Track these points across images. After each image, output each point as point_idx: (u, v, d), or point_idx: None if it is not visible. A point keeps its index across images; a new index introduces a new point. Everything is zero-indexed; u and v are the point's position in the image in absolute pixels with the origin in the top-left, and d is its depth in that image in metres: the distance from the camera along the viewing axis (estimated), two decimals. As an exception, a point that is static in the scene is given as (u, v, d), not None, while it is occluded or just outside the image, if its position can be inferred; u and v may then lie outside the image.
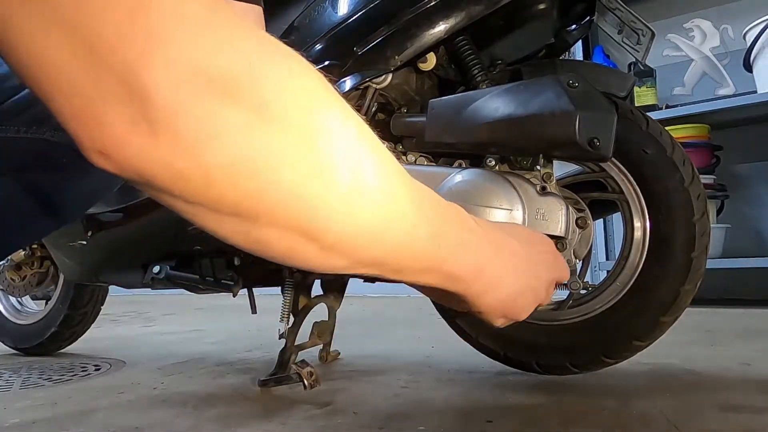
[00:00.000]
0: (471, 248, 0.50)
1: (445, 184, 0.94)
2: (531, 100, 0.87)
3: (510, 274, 0.54)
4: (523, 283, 0.56)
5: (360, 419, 0.86)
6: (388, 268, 0.44)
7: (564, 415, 0.84)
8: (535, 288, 0.58)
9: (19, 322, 1.71)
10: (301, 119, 0.33)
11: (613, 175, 0.98)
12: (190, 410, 0.95)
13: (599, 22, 1.04)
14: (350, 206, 0.37)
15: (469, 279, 0.50)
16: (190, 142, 0.29)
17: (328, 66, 1.01)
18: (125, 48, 0.27)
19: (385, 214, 0.40)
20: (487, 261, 0.51)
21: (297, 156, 0.33)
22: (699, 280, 0.93)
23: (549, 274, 0.60)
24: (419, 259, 0.45)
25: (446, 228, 0.47)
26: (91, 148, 0.29)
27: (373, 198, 0.39)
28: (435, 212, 0.46)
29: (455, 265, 0.48)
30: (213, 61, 0.29)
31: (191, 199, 0.32)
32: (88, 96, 0.27)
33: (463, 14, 0.93)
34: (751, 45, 2.16)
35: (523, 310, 0.58)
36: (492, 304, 0.54)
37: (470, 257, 0.49)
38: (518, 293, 0.56)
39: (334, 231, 0.37)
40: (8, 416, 0.96)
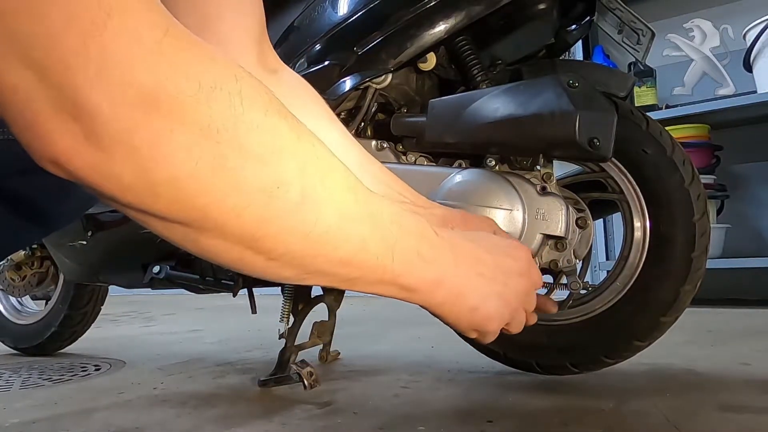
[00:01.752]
0: (429, 260, 0.49)
1: (445, 184, 0.94)
2: (531, 100, 0.87)
3: (474, 283, 0.53)
4: (487, 291, 0.54)
5: (360, 419, 0.86)
6: (338, 279, 0.44)
7: (564, 415, 0.84)
8: (501, 295, 0.56)
9: (19, 322, 1.71)
10: (248, 139, 0.34)
11: (613, 175, 0.98)
12: (190, 410, 0.95)
13: (599, 22, 1.04)
14: (298, 220, 0.38)
15: (426, 291, 0.49)
16: (137, 159, 0.30)
17: (328, 66, 1.01)
18: (77, 69, 0.28)
19: (336, 229, 0.40)
20: (446, 272, 0.50)
21: (243, 175, 0.34)
22: (699, 280, 0.93)
23: (518, 281, 0.58)
24: (371, 272, 0.45)
25: (402, 240, 0.46)
26: (42, 158, 0.31)
27: (322, 212, 0.39)
28: (390, 224, 0.46)
29: (410, 278, 0.48)
30: (162, 84, 0.30)
31: (139, 208, 0.33)
32: (39, 110, 0.29)
33: (463, 14, 0.93)
34: (751, 45, 2.16)
35: (492, 319, 0.56)
36: (456, 315, 0.53)
37: (427, 269, 0.49)
38: (484, 302, 0.54)
39: (281, 244, 0.38)
40: (8, 416, 0.96)
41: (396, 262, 0.46)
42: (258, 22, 0.64)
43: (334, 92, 0.99)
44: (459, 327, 0.55)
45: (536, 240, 0.89)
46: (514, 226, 0.89)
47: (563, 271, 0.95)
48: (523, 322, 0.60)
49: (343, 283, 0.45)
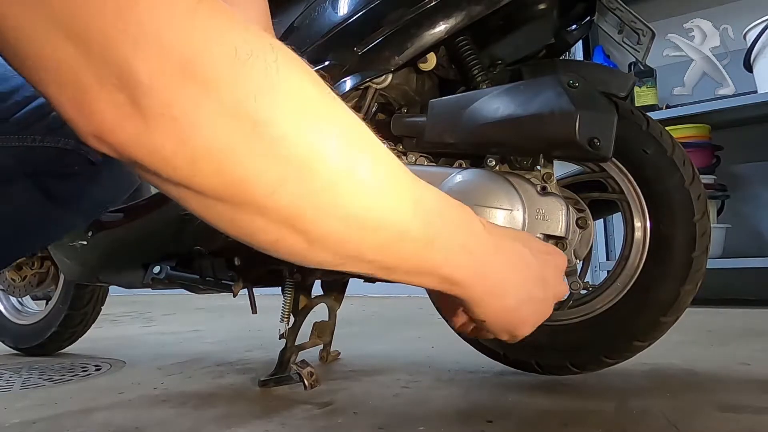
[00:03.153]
0: (473, 252, 0.47)
1: (445, 184, 0.94)
2: (531, 100, 0.87)
3: (516, 283, 0.52)
4: (530, 293, 0.53)
5: (360, 419, 0.86)
6: (377, 266, 0.42)
7: (564, 415, 0.84)
8: (542, 301, 0.55)
9: (19, 322, 1.71)
10: (284, 109, 0.33)
11: (613, 175, 0.98)
12: (190, 410, 0.95)
13: (599, 22, 1.04)
14: (338, 200, 0.37)
15: (468, 283, 0.48)
16: (176, 130, 0.30)
17: (328, 66, 1.01)
18: (117, 40, 0.28)
19: (376, 211, 0.39)
20: (491, 267, 0.49)
21: (279, 146, 0.33)
22: (699, 280, 0.93)
23: (556, 289, 0.57)
24: (410, 260, 0.43)
25: (446, 229, 0.45)
26: (86, 132, 0.30)
27: (364, 193, 0.38)
28: (434, 213, 0.44)
29: (452, 268, 0.46)
30: (198, 51, 0.30)
31: (179, 182, 0.33)
32: (82, 85, 0.29)
33: (463, 14, 0.93)
34: (751, 45, 2.16)
35: (527, 323, 0.54)
36: (494, 312, 0.51)
37: (471, 261, 0.47)
38: (523, 303, 0.53)
39: (320, 224, 0.37)
40: (9, 416, 0.96)
41: (437, 252, 0.44)
42: (264, 15, 0.67)
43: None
44: (493, 326, 0.53)
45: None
46: (515, 226, 0.89)
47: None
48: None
49: (381, 270, 0.43)
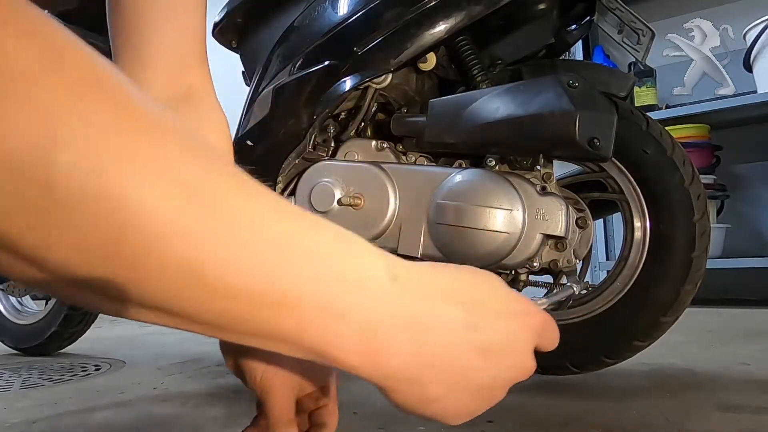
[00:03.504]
0: (358, 315, 0.31)
1: (445, 184, 0.95)
2: (531, 100, 0.87)
3: (441, 365, 0.34)
4: (467, 377, 0.35)
5: (360, 419, 0.86)
6: (204, 327, 0.29)
7: (564, 415, 0.84)
8: (489, 388, 0.37)
9: (19, 322, 1.71)
10: None
11: (613, 175, 0.98)
12: (190, 410, 0.95)
13: (599, 22, 1.04)
14: (69, 217, 0.24)
15: (355, 362, 0.32)
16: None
17: (328, 66, 1.01)
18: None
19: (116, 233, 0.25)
20: (392, 339, 0.32)
21: None
22: (699, 280, 0.93)
23: (518, 367, 0.38)
24: (242, 319, 0.29)
25: (304, 275, 0.29)
26: None
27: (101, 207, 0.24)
28: (269, 245, 0.28)
29: (318, 338, 0.30)
30: None
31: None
32: None
33: (463, 14, 0.93)
34: (751, 45, 2.16)
35: (460, 415, 0.37)
36: (408, 402, 0.35)
37: (354, 329, 0.31)
38: (449, 393, 0.35)
39: (55, 253, 0.24)
40: (9, 416, 0.96)
41: (287, 310, 0.29)
42: (185, 47, 0.59)
43: (334, 92, 0.99)
44: (406, 410, 0.36)
45: (536, 240, 0.89)
46: (514, 226, 0.89)
47: (563, 271, 0.95)
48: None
49: (214, 331, 0.30)
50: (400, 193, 0.98)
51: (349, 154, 1.05)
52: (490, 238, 0.89)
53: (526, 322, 0.38)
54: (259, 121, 1.07)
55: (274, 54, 1.14)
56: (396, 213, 0.98)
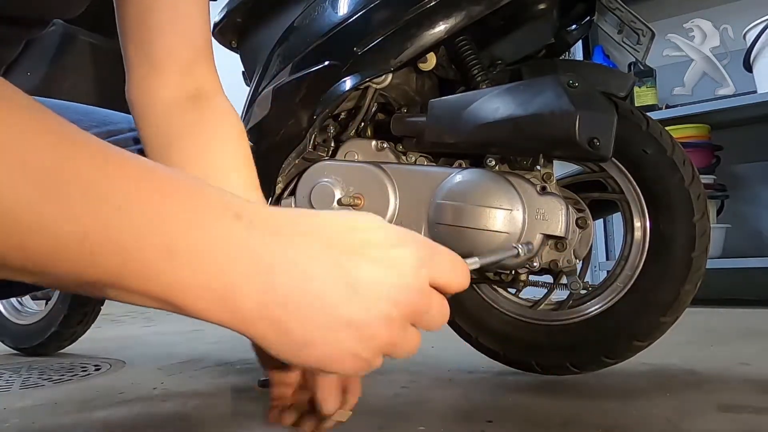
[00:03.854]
0: (196, 261, 0.30)
1: (445, 184, 0.95)
2: (531, 100, 0.87)
3: (306, 306, 0.32)
4: (330, 321, 0.33)
5: (360, 419, 0.86)
6: (40, 278, 0.30)
7: (564, 415, 0.84)
8: (358, 327, 0.33)
9: (19, 322, 1.71)
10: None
11: (613, 175, 0.98)
12: (190, 410, 0.95)
13: (599, 22, 1.04)
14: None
15: (205, 307, 0.31)
16: None
17: (328, 66, 1.01)
18: None
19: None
20: (249, 281, 0.31)
21: None
22: (699, 280, 0.93)
23: (397, 304, 0.34)
24: (77, 267, 0.29)
25: (129, 226, 0.29)
26: None
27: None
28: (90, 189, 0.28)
29: (161, 282, 0.30)
30: None
31: None
32: None
33: (463, 14, 0.93)
34: (751, 45, 2.16)
35: (336, 361, 0.34)
36: (276, 348, 0.33)
37: (199, 275, 0.30)
38: (321, 337, 0.33)
39: None
40: (8, 416, 0.96)
41: (102, 250, 0.29)
42: (189, 48, 0.62)
43: (334, 92, 0.99)
44: (285, 361, 0.34)
45: (536, 240, 0.89)
46: (514, 226, 0.89)
47: (563, 271, 0.95)
48: (414, 344, 0.37)
49: (48, 281, 0.30)
50: (400, 193, 0.98)
51: (349, 154, 1.05)
52: (490, 238, 0.89)
53: (405, 251, 0.35)
54: (259, 121, 1.07)
55: (274, 54, 1.14)
56: (396, 213, 0.98)
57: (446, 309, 0.37)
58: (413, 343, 0.36)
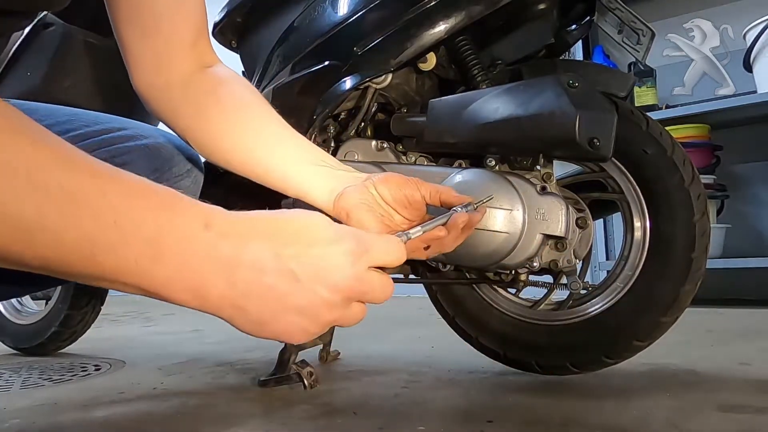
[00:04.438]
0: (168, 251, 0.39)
1: (445, 185, 0.94)
2: (531, 100, 0.87)
3: (256, 295, 0.41)
4: (280, 306, 0.42)
5: (360, 419, 0.86)
6: (44, 269, 0.38)
7: (564, 415, 0.84)
8: (303, 310, 0.42)
9: (19, 322, 1.71)
10: None
11: (613, 175, 0.98)
12: (190, 410, 0.95)
13: (599, 22, 1.04)
14: None
15: (177, 296, 0.40)
16: None
17: (328, 66, 1.01)
18: None
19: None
20: (211, 279, 0.40)
21: None
22: (699, 280, 0.93)
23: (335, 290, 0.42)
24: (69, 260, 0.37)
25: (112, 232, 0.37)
26: None
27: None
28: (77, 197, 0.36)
29: (139, 279, 0.39)
30: None
31: None
32: None
33: (463, 14, 0.93)
34: (751, 45, 2.16)
35: (288, 333, 0.43)
36: (239, 325, 0.43)
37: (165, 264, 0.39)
38: (272, 317, 0.42)
39: None
40: (8, 416, 0.96)
41: (102, 253, 0.37)
42: (191, 29, 0.68)
43: (334, 92, 0.99)
44: (249, 334, 0.44)
45: (536, 240, 0.89)
46: (514, 226, 0.89)
47: (563, 271, 0.95)
48: (358, 317, 0.45)
49: (50, 272, 0.38)
50: (400, 193, 0.98)
51: (349, 154, 1.05)
52: (490, 238, 0.89)
53: (342, 247, 0.42)
54: (259, 121, 1.07)
55: (274, 54, 1.14)
56: (396, 213, 0.98)
57: (388, 286, 0.44)
58: (358, 316, 0.45)
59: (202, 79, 0.69)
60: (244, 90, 0.72)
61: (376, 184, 0.66)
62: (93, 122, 0.72)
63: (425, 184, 0.68)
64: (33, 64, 1.18)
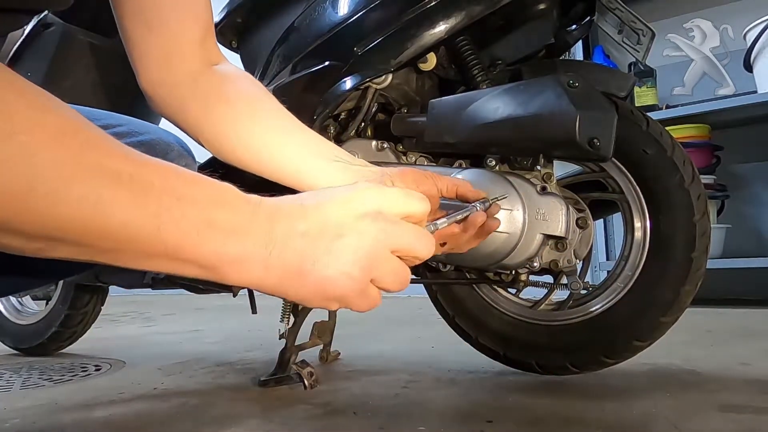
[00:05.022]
0: (229, 231, 0.42)
1: (446, 184, 0.94)
2: (531, 100, 0.87)
3: (299, 252, 0.44)
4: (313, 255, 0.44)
5: (360, 419, 0.86)
6: (91, 251, 0.39)
7: (564, 415, 0.84)
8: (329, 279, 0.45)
9: (19, 322, 1.71)
10: None
11: (613, 175, 0.98)
12: (190, 410, 0.95)
13: (599, 22, 1.04)
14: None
15: (233, 268, 0.43)
16: None
17: (328, 66, 1.01)
18: None
19: (51, 185, 0.36)
20: (260, 244, 0.43)
21: None
22: (699, 280, 0.93)
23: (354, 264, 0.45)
24: (129, 243, 0.39)
25: (177, 208, 0.40)
26: None
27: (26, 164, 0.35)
28: (154, 187, 0.39)
29: (198, 252, 0.41)
30: None
31: None
32: None
33: (463, 14, 0.93)
34: (751, 45, 2.16)
35: (336, 284, 0.45)
36: (295, 290, 0.45)
37: (226, 242, 0.42)
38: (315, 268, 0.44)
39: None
40: (9, 416, 0.96)
41: (167, 233, 0.39)
42: (199, 26, 0.68)
43: (334, 92, 0.99)
44: (306, 303, 0.47)
45: (536, 240, 0.89)
46: (515, 226, 0.89)
47: (563, 271, 0.95)
48: (373, 301, 0.47)
49: (100, 255, 0.40)
50: (400, 193, 0.98)
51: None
52: (491, 238, 0.89)
53: (370, 228, 0.45)
54: (259, 121, 1.07)
55: (274, 54, 1.13)
56: (396, 213, 0.98)
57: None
58: (396, 268, 0.46)
59: (210, 77, 0.69)
60: (252, 86, 0.72)
61: (393, 179, 0.68)
62: (90, 119, 0.72)
63: (442, 177, 0.70)
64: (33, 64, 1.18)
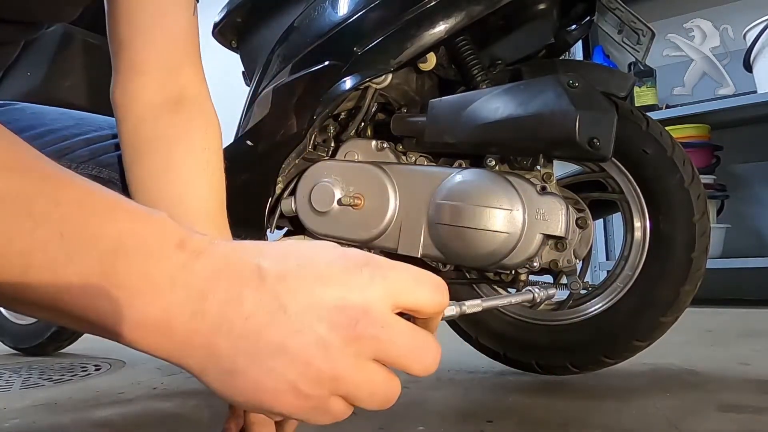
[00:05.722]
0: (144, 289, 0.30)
1: (445, 184, 0.95)
2: (531, 100, 0.87)
3: (230, 332, 0.30)
4: (258, 347, 0.30)
5: (360, 419, 0.86)
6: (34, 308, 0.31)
7: (564, 415, 0.84)
8: (294, 358, 0.30)
9: (19, 322, 1.71)
10: None
11: (613, 175, 0.98)
12: (190, 410, 0.95)
13: (599, 22, 1.04)
14: None
15: (141, 336, 0.31)
16: None
17: (328, 66, 1.01)
18: None
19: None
20: (184, 311, 0.30)
21: None
22: (699, 280, 0.93)
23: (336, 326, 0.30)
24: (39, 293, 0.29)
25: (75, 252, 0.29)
26: None
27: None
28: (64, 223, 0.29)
29: (93, 313, 0.30)
30: None
31: None
32: None
33: (463, 14, 0.93)
34: (751, 45, 2.16)
35: (267, 393, 0.30)
36: (206, 379, 0.31)
37: (144, 303, 0.30)
38: (247, 366, 0.30)
39: None
40: (9, 416, 0.96)
41: (37, 271, 0.29)
42: (174, 50, 0.62)
43: (334, 92, 0.99)
44: (219, 395, 0.32)
45: (536, 240, 0.89)
46: (514, 226, 0.89)
47: (563, 271, 0.95)
48: (379, 385, 0.35)
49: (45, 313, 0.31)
50: (400, 193, 0.98)
51: (349, 154, 1.05)
52: (490, 238, 0.89)
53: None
54: (259, 121, 1.07)
55: (274, 54, 1.14)
56: (396, 213, 0.98)
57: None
58: (376, 384, 0.32)
59: (161, 117, 0.61)
60: (193, 157, 0.63)
61: None
62: (78, 122, 0.70)
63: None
64: (33, 64, 1.18)
